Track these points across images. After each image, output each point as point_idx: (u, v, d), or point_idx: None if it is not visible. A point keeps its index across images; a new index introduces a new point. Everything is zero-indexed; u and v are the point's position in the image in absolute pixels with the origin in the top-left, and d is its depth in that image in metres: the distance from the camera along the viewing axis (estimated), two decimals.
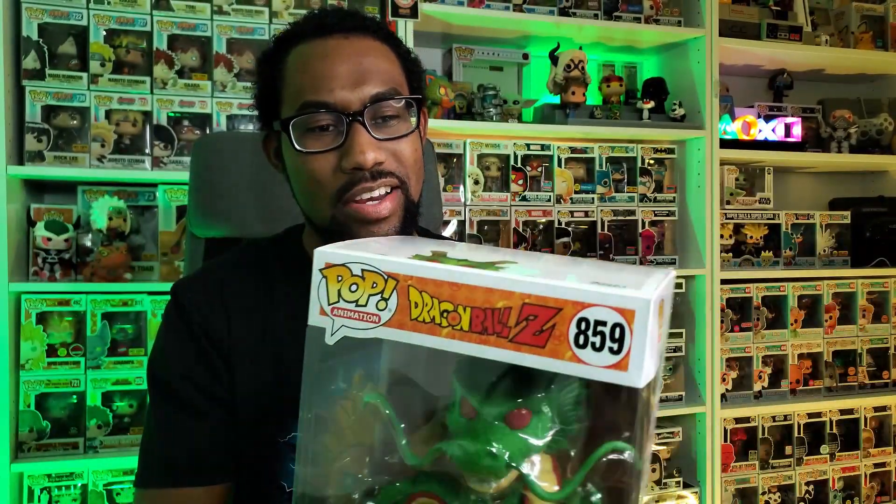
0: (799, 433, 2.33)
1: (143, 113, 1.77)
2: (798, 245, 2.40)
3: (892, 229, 2.50)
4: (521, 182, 2.09)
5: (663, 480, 2.18)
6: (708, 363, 2.21)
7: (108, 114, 1.74)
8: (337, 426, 0.57)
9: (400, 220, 0.84)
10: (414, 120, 0.86)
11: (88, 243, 1.76)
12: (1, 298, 1.64)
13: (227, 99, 1.81)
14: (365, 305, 0.52)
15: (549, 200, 2.11)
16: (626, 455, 0.50)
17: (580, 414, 0.52)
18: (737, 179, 2.34)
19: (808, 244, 2.42)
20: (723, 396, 2.25)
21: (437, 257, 0.54)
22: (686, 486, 2.22)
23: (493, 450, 0.50)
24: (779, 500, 2.32)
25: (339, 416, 0.57)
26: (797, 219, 2.40)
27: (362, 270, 0.52)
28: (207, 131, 1.80)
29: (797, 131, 2.39)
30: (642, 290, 0.47)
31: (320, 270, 0.53)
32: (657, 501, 2.17)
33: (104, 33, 1.74)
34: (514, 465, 0.51)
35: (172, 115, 1.78)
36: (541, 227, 2.11)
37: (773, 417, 2.30)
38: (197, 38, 1.81)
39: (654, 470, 2.17)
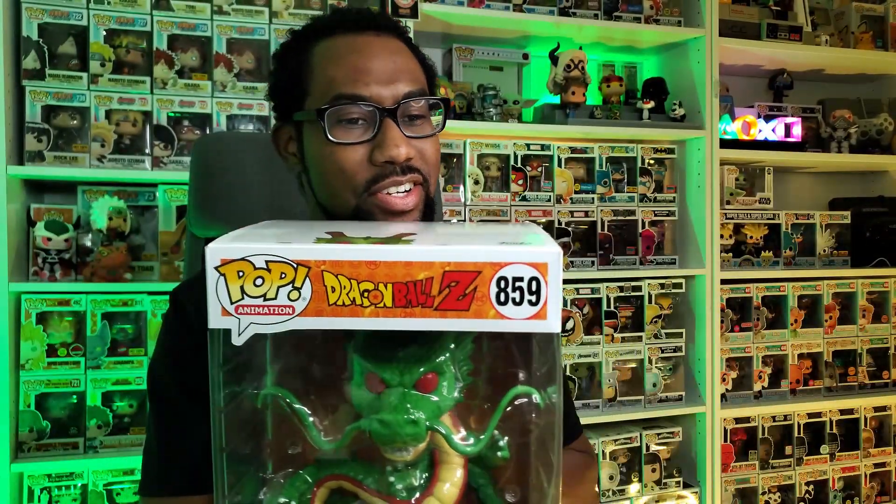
0: (799, 433, 2.33)
1: (143, 113, 1.76)
2: (798, 245, 2.40)
3: (892, 229, 2.50)
4: (521, 182, 2.09)
5: (663, 480, 2.18)
6: (708, 363, 2.21)
7: (108, 114, 1.74)
8: (244, 427, 0.57)
9: (420, 215, 0.86)
10: (436, 120, 0.89)
11: (88, 243, 1.76)
12: (1, 298, 1.64)
13: (227, 99, 1.81)
14: (275, 298, 0.50)
15: (549, 200, 2.11)
16: (534, 398, 0.54)
17: (473, 368, 0.56)
18: (737, 179, 2.34)
19: (808, 244, 2.42)
20: (723, 396, 2.25)
21: (339, 239, 0.54)
22: (686, 486, 2.22)
23: (414, 417, 0.52)
24: (779, 500, 2.32)
25: (244, 416, 0.57)
26: (797, 219, 2.40)
27: (267, 262, 0.50)
28: (207, 131, 1.79)
29: (797, 131, 2.39)
30: (546, 245, 0.51)
31: (216, 268, 0.51)
32: (657, 501, 2.17)
33: (104, 33, 1.74)
34: (434, 427, 0.53)
35: (172, 115, 1.78)
36: (541, 226, 2.11)
37: (773, 417, 2.30)
38: (197, 38, 1.81)
39: (653, 470, 2.17)
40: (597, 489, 2.09)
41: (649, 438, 2.16)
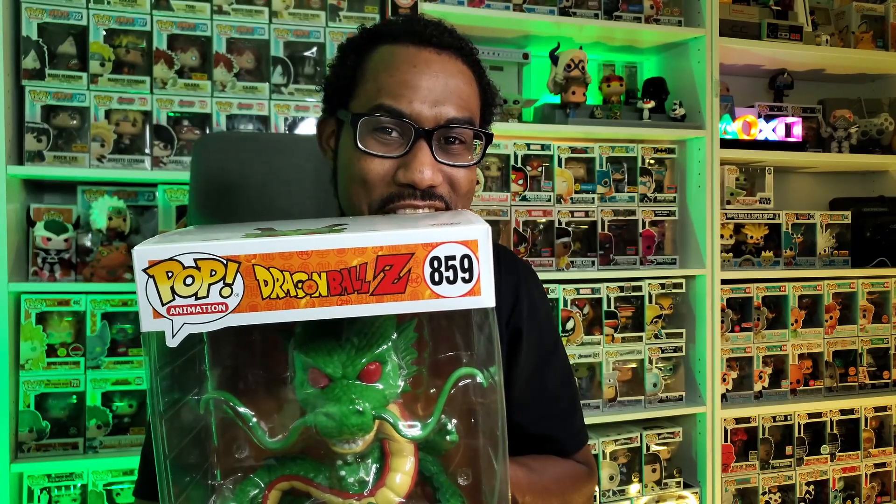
0: (799, 433, 2.33)
1: (142, 113, 1.76)
2: (798, 245, 2.40)
3: (892, 229, 2.50)
4: (521, 182, 2.08)
5: (663, 481, 2.18)
6: (708, 363, 2.21)
7: (107, 113, 1.74)
8: (189, 434, 0.56)
9: None
10: (478, 152, 0.86)
11: (88, 243, 1.76)
12: (1, 298, 1.64)
13: (226, 99, 1.81)
14: (207, 296, 0.49)
15: (550, 200, 2.11)
16: (477, 378, 0.54)
17: (417, 357, 0.56)
18: (737, 179, 2.34)
19: (809, 244, 2.42)
20: (723, 397, 2.24)
21: (268, 232, 0.53)
22: (686, 486, 2.22)
23: (360, 407, 0.52)
24: (779, 501, 2.31)
25: (186, 423, 0.56)
26: (797, 219, 2.40)
27: (195, 260, 0.48)
28: (207, 131, 1.79)
29: (797, 131, 2.39)
30: (476, 223, 0.51)
31: (144, 271, 0.49)
32: (657, 502, 2.17)
33: (104, 33, 1.74)
34: (380, 416, 0.53)
35: (172, 114, 1.78)
36: (541, 226, 2.11)
37: (774, 417, 2.30)
38: (197, 38, 1.81)
39: (654, 470, 2.17)
40: None
41: (649, 438, 2.15)
